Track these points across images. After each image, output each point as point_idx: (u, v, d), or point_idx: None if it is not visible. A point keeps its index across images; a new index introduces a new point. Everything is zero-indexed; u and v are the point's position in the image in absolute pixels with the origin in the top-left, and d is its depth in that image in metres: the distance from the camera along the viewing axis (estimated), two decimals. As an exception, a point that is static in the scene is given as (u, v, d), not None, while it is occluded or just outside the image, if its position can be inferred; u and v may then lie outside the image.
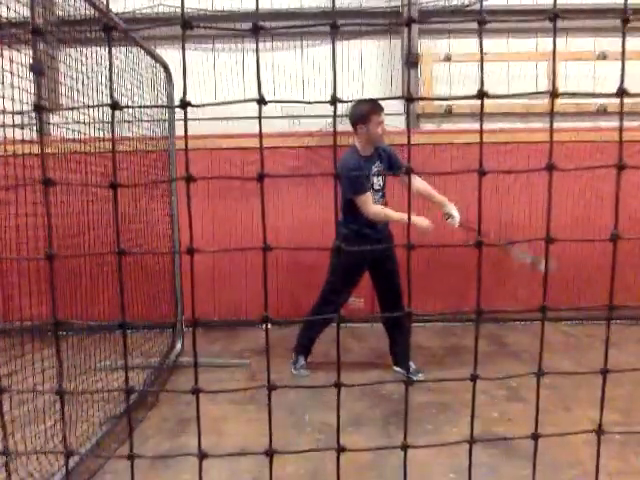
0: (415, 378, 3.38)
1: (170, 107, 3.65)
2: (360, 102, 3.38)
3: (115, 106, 0.84)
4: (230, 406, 3.02)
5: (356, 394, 3.10)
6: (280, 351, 3.78)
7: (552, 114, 0.91)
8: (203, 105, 0.89)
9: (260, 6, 4.86)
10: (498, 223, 4.61)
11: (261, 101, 0.85)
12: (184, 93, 0.87)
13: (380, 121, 3.24)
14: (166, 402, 3.09)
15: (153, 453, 2.46)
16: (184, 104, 0.84)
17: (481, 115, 0.90)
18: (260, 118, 0.90)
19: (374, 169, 3.36)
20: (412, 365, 3.45)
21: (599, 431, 0.95)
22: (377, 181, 3.38)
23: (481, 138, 0.91)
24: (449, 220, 3.31)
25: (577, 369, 3.41)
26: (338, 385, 0.92)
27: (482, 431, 2.59)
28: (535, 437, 0.94)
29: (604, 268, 4.52)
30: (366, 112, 3.22)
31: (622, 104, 0.88)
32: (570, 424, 2.65)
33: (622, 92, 0.84)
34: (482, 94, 0.85)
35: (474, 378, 0.93)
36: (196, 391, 0.88)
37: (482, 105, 0.88)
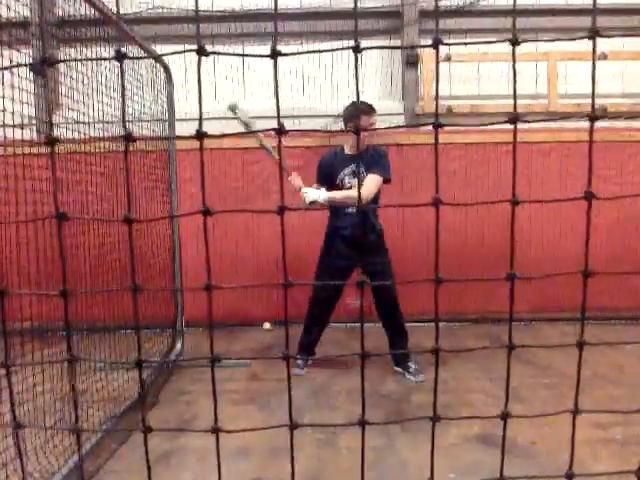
0: (415, 380, 3.38)
1: (184, 138, 3.64)
2: (354, 103, 3.56)
3: (129, 137, 0.83)
4: (231, 407, 3.02)
5: (356, 395, 3.10)
6: (279, 351, 3.78)
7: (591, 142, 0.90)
8: (218, 136, 0.88)
9: (260, 5, 4.87)
10: (499, 223, 4.61)
11: (281, 130, 0.83)
12: (200, 125, 0.86)
13: (370, 122, 3.33)
14: (166, 402, 3.09)
15: (153, 453, 2.46)
16: (200, 135, 0.83)
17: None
18: (280, 145, 0.89)
19: (348, 169, 3.44)
20: (412, 365, 3.45)
21: (638, 472, 0.90)
22: (349, 180, 3.45)
23: (514, 169, 0.90)
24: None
25: (576, 369, 3.41)
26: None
27: (482, 431, 2.59)
28: (569, 477, 0.91)
29: (605, 267, 4.52)
30: (357, 112, 3.34)
31: (592, 132, 0.86)
32: (570, 425, 2.65)
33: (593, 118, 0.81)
34: (515, 119, 0.82)
35: (505, 416, 0.89)
36: (216, 430, 0.85)
37: (515, 132, 0.87)
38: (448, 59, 4.85)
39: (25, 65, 2.12)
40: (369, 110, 3.33)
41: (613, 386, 3.20)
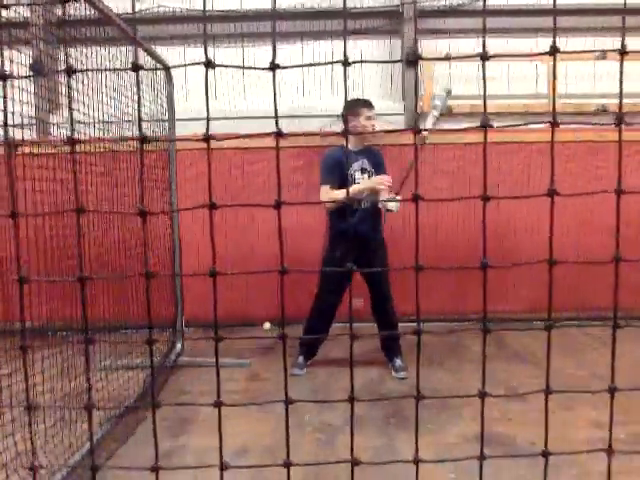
0: (396, 375, 3.45)
1: (194, 140, 3.65)
2: (353, 99, 3.56)
3: (144, 140, 0.83)
4: (231, 406, 3.02)
5: (356, 394, 3.09)
6: (281, 351, 3.78)
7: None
8: (225, 138, 0.89)
9: (259, 6, 4.87)
10: (497, 223, 4.61)
11: (279, 134, 0.85)
12: (207, 128, 0.86)
13: (369, 116, 3.37)
14: (166, 401, 3.09)
15: (153, 452, 2.45)
16: (207, 138, 0.83)
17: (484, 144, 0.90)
18: (278, 150, 0.90)
19: (356, 164, 3.44)
20: (398, 362, 3.51)
21: (608, 449, 0.94)
22: (359, 176, 3.44)
23: (485, 165, 0.91)
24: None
25: (577, 370, 3.41)
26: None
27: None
28: (545, 455, 0.93)
29: (605, 268, 4.51)
30: (357, 105, 3.37)
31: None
32: (571, 424, 2.65)
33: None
34: (485, 126, 0.83)
35: (482, 395, 0.91)
36: (219, 404, 0.86)
37: (485, 137, 0.88)
38: (448, 59, 4.85)
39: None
40: (368, 104, 3.41)
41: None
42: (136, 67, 0.79)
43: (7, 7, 2.13)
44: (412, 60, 4.44)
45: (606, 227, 4.67)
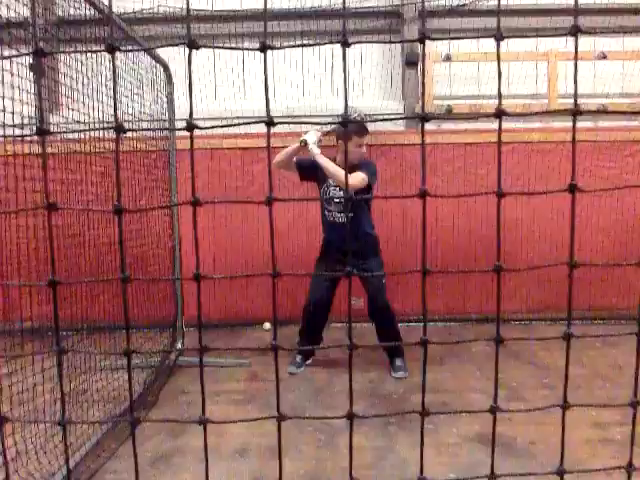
0: (394, 374, 3.47)
1: (176, 129, 3.65)
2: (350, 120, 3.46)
3: (119, 129, 0.83)
4: (230, 406, 3.02)
5: (356, 394, 3.10)
6: (281, 351, 3.78)
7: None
8: (209, 127, 0.89)
9: (259, 6, 4.86)
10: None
11: (270, 123, 0.83)
12: (190, 115, 0.86)
13: (360, 144, 3.33)
14: (166, 402, 3.09)
15: (153, 453, 2.46)
16: (190, 126, 0.83)
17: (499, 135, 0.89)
18: (269, 138, 0.89)
19: (332, 182, 3.44)
20: (397, 362, 3.53)
21: (628, 467, 0.92)
22: (333, 192, 3.50)
23: (499, 165, 0.90)
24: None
25: (577, 369, 3.41)
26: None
27: (482, 431, 2.60)
28: (560, 473, 0.91)
29: (604, 268, 4.52)
30: (350, 129, 3.26)
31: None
32: (570, 424, 2.64)
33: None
34: (501, 113, 0.82)
35: (494, 410, 0.89)
36: (204, 422, 0.86)
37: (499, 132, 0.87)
38: (448, 59, 4.85)
39: (22, 55, 2.13)
40: (361, 131, 3.30)
41: (613, 385, 3.20)
42: (111, 48, 0.79)
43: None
44: (423, 39, 4.41)
45: (605, 230, 4.67)
